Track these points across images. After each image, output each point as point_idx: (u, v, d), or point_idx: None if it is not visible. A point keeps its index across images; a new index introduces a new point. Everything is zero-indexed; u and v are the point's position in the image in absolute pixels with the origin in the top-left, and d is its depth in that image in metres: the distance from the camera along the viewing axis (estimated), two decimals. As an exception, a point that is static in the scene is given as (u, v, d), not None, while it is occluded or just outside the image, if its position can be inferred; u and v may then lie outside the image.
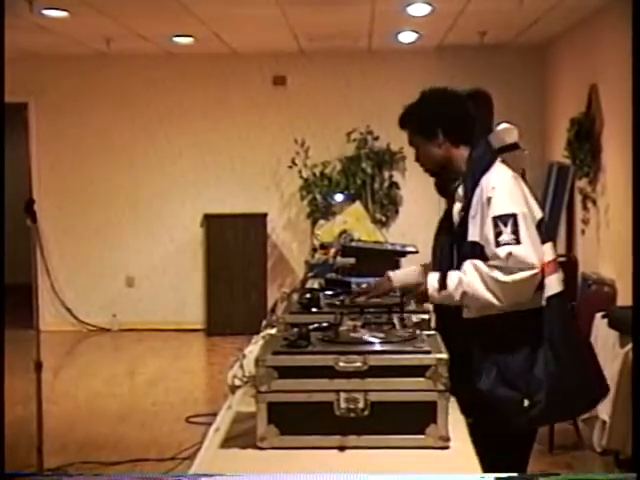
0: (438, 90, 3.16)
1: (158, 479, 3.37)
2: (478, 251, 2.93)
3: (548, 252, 3.02)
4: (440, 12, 7.20)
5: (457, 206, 3.04)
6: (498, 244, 2.86)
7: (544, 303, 2.96)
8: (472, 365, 2.33)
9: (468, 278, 2.86)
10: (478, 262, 2.88)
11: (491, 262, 2.87)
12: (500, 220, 2.88)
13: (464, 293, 2.86)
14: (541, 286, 2.93)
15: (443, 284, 2.89)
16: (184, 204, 9.63)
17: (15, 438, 5.25)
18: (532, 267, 2.85)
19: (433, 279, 2.93)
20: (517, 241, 2.85)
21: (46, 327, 8.74)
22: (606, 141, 6.90)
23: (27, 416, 5.35)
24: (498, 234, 2.87)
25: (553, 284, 2.99)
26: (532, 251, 2.86)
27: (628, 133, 5.60)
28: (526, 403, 2.92)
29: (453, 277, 2.89)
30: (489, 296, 2.85)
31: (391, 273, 3.29)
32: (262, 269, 9.38)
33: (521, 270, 2.83)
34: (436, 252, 3.18)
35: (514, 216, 2.88)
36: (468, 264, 2.89)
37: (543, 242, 3.00)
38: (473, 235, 2.95)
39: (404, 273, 3.35)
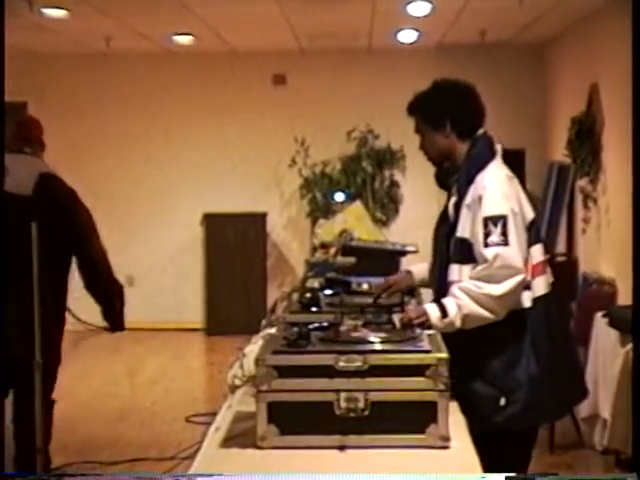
0: (451, 81, 3.15)
1: (158, 479, 3.37)
2: (466, 248, 2.93)
3: (537, 254, 3.01)
4: (440, 11, 7.20)
5: (452, 200, 3.05)
6: (487, 245, 2.86)
7: (530, 304, 2.96)
8: (454, 362, 2.33)
9: (464, 302, 2.85)
10: (465, 284, 2.87)
11: (477, 269, 2.87)
12: (490, 221, 2.87)
13: (464, 317, 2.84)
14: (527, 287, 2.93)
15: (443, 311, 2.86)
16: (184, 203, 9.62)
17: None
18: (518, 271, 2.85)
19: (433, 308, 2.89)
20: (505, 243, 2.85)
21: (46, 326, 8.73)
22: (607, 140, 6.90)
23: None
24: (487, 235, 2.87)
25: (540, 286, 2.99)
26: (519, 254, 2.86)
27: (629, 132, 5.59)
28: (503, 402, 2.92)
29: (451, 304, 2.86)
30: (487, 314, 2.85)
31: (411, 268, 3.42)
32: (262, 268, 9.38)
33: (509, 276, 2.83)
34: (435, 245, 3.19)
35: (504, 217, 2.88)
36: (457, 289, 2.88)
37: (534, 243, 2.99)
38: (463, 231, 2.95)
39: (421, 268, 3.39)
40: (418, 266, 3.49)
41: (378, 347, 2.47)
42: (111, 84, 9.62)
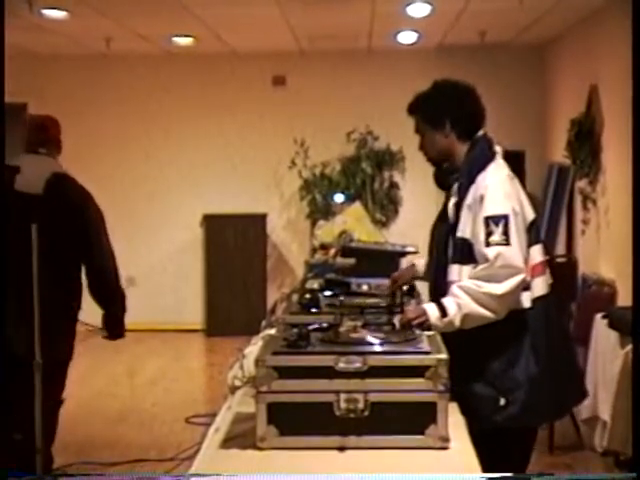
0: (451, 82, 3.17)
1: (158, 479, 3.37)
2: (467, 248, 2.93)
3: (537, 254, 3.01)
4: (440, 12, 7.20)
5: (452, 201, 3.05)
6: (488, 244, 2.86)
7: (529, 305, 2.96)
8: (454, 363, 2.33)
9: (464, 301, 2.85)
10: (465, 284, 2.88)
11: (478, 268, 2.88)
12: (492, 220, 2.88)
13: (464, 316, 2.84)
14: (526, 288, 2.93)
15: (443, 311, 2.86)
16: (183, 204, 9.62)
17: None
18: (519, 270, 2.86)
19: (432, 307, 2.88)
20: (507, 242, 2.86)
21: (46, 327, 8.73)
22: (606, 141, 6.90)
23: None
24: (489, 234, 2.87)
25: (539, 286, 2.99)
26: (520, 253, 2.87)
27: (628, 133, 5.59)
28: (502, 402, 2.92)
29: (451, 303, 2.86)
30: (487, 314, 2.85)
31: (415, 261, 3.52)
32: (262, 269, 9.38)
33: (510, 275, 2.84)
34: (432, 245, 3.19)
35: (506, 217, 2.88)
36: (456, 288, 2.88)
37: (534, 244, 3.00)
38: (464, 231, 2.96)
39: (425, 262, 3.44)
40: (422, 260, 3.51)
41: (378, 348, 2.48)
42: (111, 85, 9.62)
